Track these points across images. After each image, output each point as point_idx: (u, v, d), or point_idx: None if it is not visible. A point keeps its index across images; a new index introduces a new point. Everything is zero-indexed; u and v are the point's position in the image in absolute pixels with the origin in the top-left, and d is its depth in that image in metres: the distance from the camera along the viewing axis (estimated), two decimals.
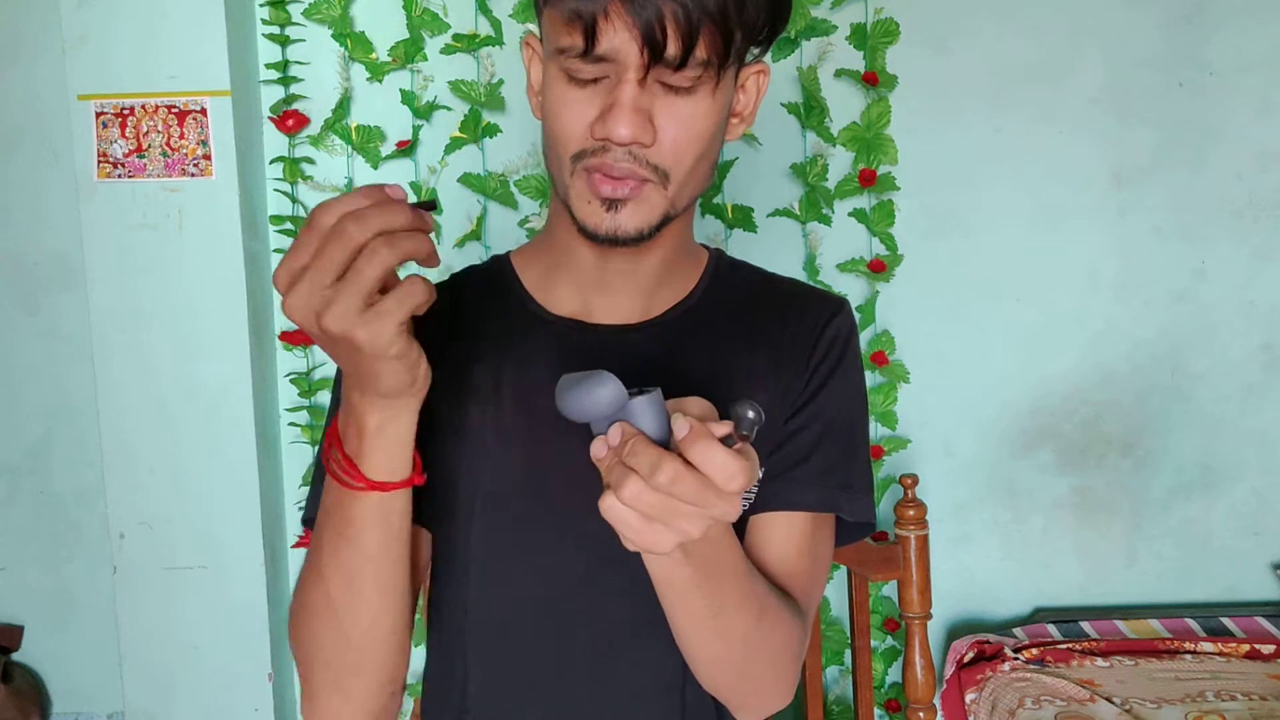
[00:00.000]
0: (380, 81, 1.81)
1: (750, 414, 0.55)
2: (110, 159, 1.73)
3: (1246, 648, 1.70)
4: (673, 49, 0.66)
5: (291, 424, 1.88)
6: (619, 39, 0.66)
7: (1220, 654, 1.70)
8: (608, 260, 0.80)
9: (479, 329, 0.83)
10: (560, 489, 0.80)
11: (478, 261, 0.95)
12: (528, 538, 0.81)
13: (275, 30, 1.78)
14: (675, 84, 0.69)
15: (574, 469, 0.78)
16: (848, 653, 1.90)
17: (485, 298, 0.86)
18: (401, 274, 0.59)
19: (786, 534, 0.83)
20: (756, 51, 0.76)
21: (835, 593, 1.91)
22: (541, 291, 0.85)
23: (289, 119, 1.79)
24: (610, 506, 0.56)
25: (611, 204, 0.71)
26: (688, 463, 0.54)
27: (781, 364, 0.84)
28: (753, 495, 0.83)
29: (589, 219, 0.73)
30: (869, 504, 0.85)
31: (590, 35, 0.66)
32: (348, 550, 0.69)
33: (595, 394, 0.57)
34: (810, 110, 1.82)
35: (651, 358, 0.82)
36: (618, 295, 0.83)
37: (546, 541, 0.81)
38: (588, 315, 0.83)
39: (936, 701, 1.48)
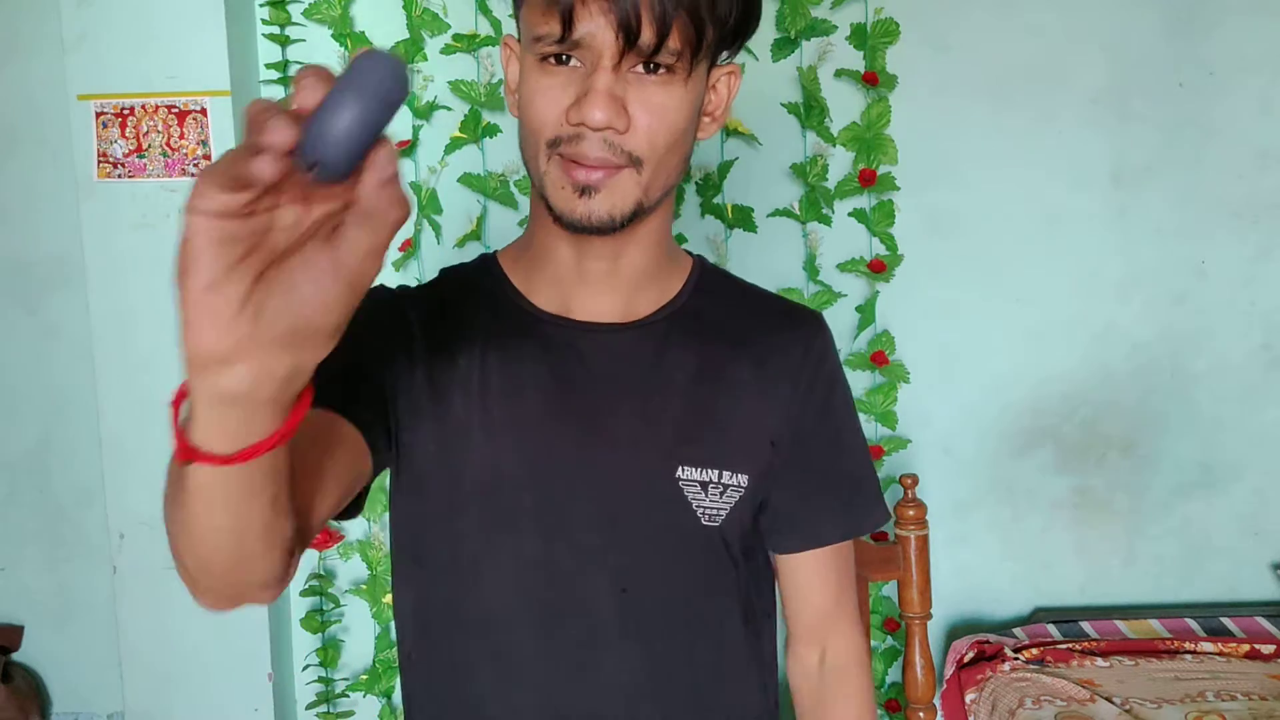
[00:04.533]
0: None
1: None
2: (110, 159, 1.73)
3: (1246, 648, 1.70)
4: (647, 36, 0.68)
5: None
6: (595, 24, 0.68)
7: (1220, 654, 1.69)
8: (585, 258, 0.80)
9: (465, 324, 0.83)
10: (547, 483, 0.80)
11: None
12: (514, 532, 0.80)
13: (275, 30, 1.78)
14: (648, 72, 0.71)
15: (561, 463, 0.80)
16: None
17: (472, 293, 0.86)
18: None
19: (822, 572, 0.90)
20: (726, 54, 0.78)
21: None
22: (527, 289, 0.85)
23: None
24: None
25: (584, 190, 0.72)
26: None
27: (767, 376, 0.85)
28: (724, 512, 0.83)
29: (563, 206, 0.74)
30: (884, 507, 0.92)
31: (567, 22, 0.68)
32: (177, 496, 0.59)
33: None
34: (810, 110, 1.82)
35: (640, 357, 0.82)
36: (597, 294, 0.82)
37: (532, 536, 0.80)
38: (569, 313, 0.83)
39: (936, 701, 1.48)
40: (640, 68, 0.71)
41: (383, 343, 0.79)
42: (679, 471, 0.81)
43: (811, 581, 0.90)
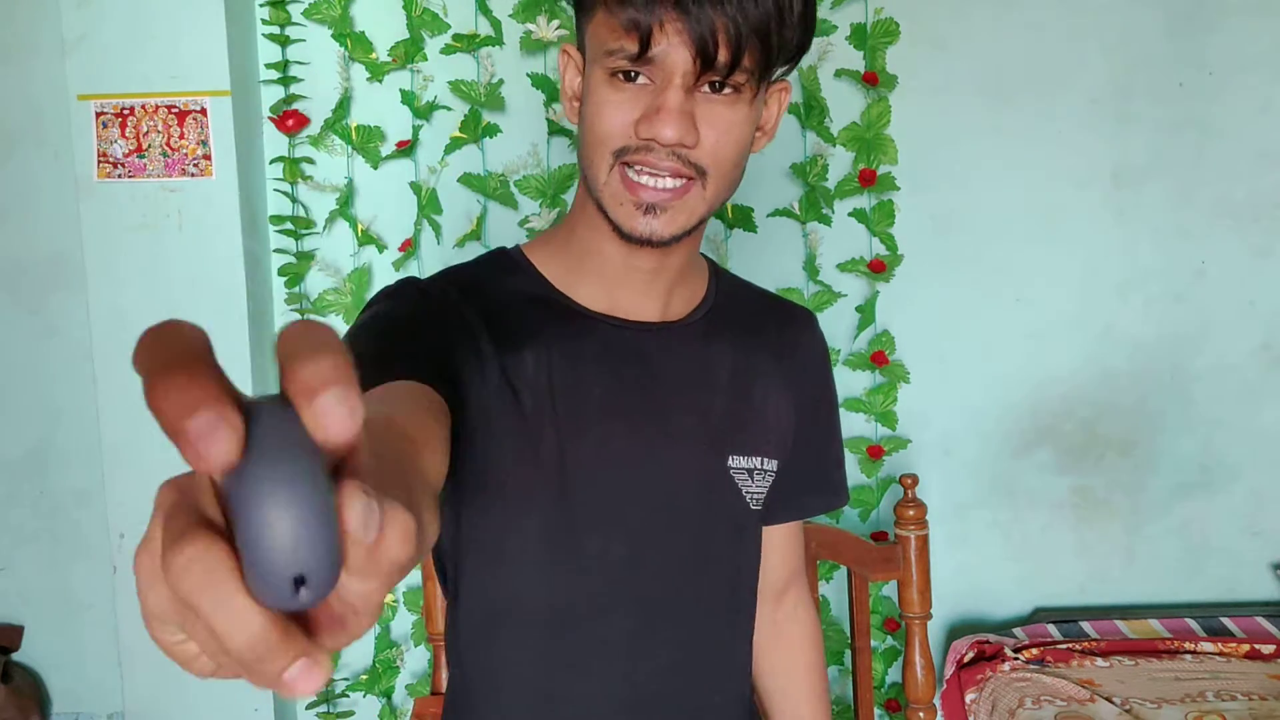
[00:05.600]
0: (380, 81, 1.81)
1: None
2: (110, 159, 1.73)
3: (1246, 648, 1.70)
4: (723, 58, 0.71)
5: None
6: (670, 45, 0.70)
7: (1220, 654, 1.69)
8: (634, 259, 0.82)
9: (525, 321, 0.83)
10: (612, 478, 0.84)
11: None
12: (576, 526, 0.83)
13: (275, 30, 1.78)
14: (715, 91, 0.73)
15: (625, 459, 0.83)
16: (848, 653, 1.90)
17: (515, 290, 0.85)
18: None
19: (794, 540, 1.01)
20: (782, 70, 0.80)
21: (835, 593, 1.91)
22: (566, 287, 0.86)
23: (289, 119, 1.79)
24: None
25: (650, 209, 0.75)
26: None
27: (784, 368, 0.93)
28: (763, 495, 0.91)
29: (624, 221, 0.76)
30: (846, 487, 1.04)
31: (645, 42, 0.71)
32: None
33: None
34: (810, 110, 1.82)
35: (690, 355, 0.88)
36: (640, 294, 0.85)
37: (593, 528, 0.84)
38: (616, 311, 0.86)
39: (936, 701, 1.48)
40: (707, 87, 0.73)
41: (448, 340, 0.78)
42: (730, 460, 0.87)
43: (785, 547, 1.01)
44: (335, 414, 0.28)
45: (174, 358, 0.27)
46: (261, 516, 0.27)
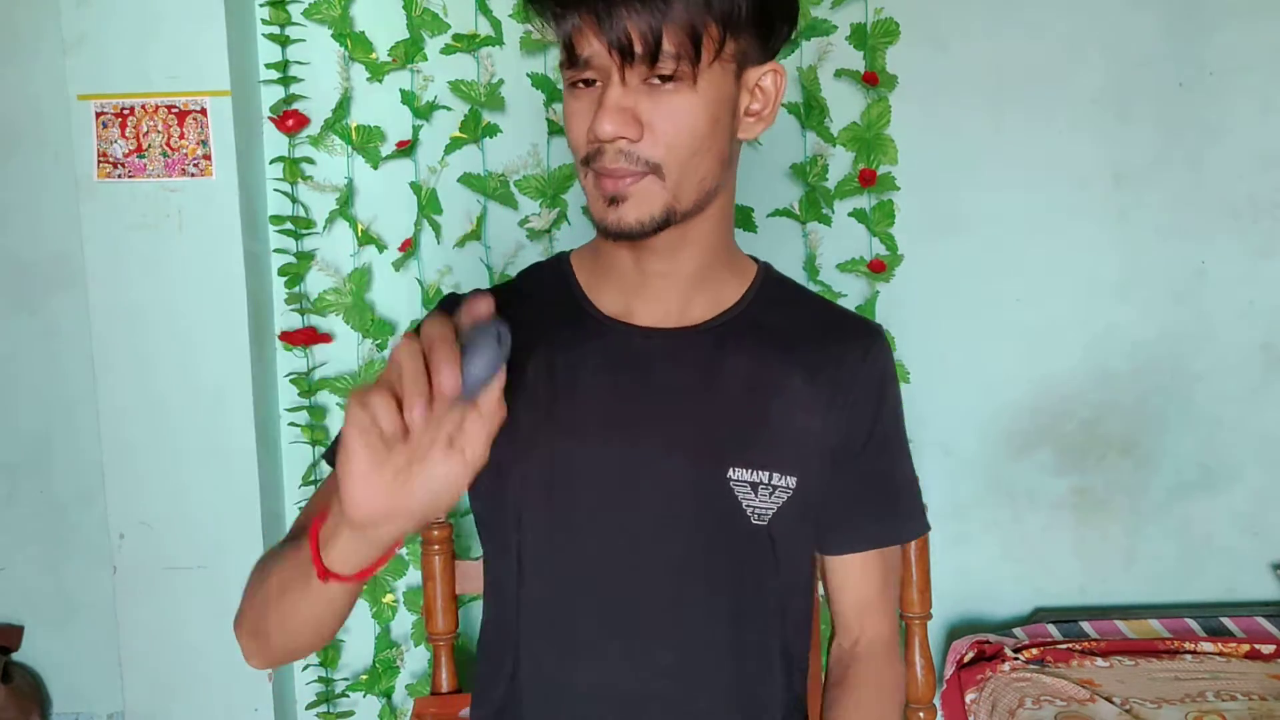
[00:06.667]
0: (380, 81, 1.81)
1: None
2: (110, 159, 1.73)
3: (1246, 648, 1.70)
4: (640, 50, 0.72)
5: (291, 424, 1.88)
6: (592, 47, 0.73)
7: (1220, 654, 1.70)
8: (644, 261, 0.85)
9: (537, 325, 0.88)
10: (608, 484, 0.85)
11: (479, 260, 0.99)
12: (576, 528, 0.86)
13: (275, 30, 1.78)
14: (662, 82, 0.74)
15: (621, 465, 0.85)
16: None
17: (545, 295, 0.92)
18: None
19: (866, 571, 0.95)
20: (773, 53, 0.81)
21: None
22: (593, 292, 0.90)
23: (289, 119, 1.79)
24: None
25: (613, 200, 0.77)
26: None
27: (819, 385, 0.89)
28: (771, 510, 0.87)
29: (598, 215, 0.79)
30: (923, 519, 0.99)
31: (570, 48, 0.75)
32: (289, 591, 0.76)
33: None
34: (810, 110, 1.82)
35: (696, 363, 0.87)
36: (655, 298, 0.87)
37: (593, 532, 0.86)
38: (630, 316, 0.88)
39: (936, 701, 1.48)
40: (655, 79, 0.74)
41: None
42: (730, 472, 0.86)
43: (852, 578, 0.96)
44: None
45: (432, 341, 0.61)
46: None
